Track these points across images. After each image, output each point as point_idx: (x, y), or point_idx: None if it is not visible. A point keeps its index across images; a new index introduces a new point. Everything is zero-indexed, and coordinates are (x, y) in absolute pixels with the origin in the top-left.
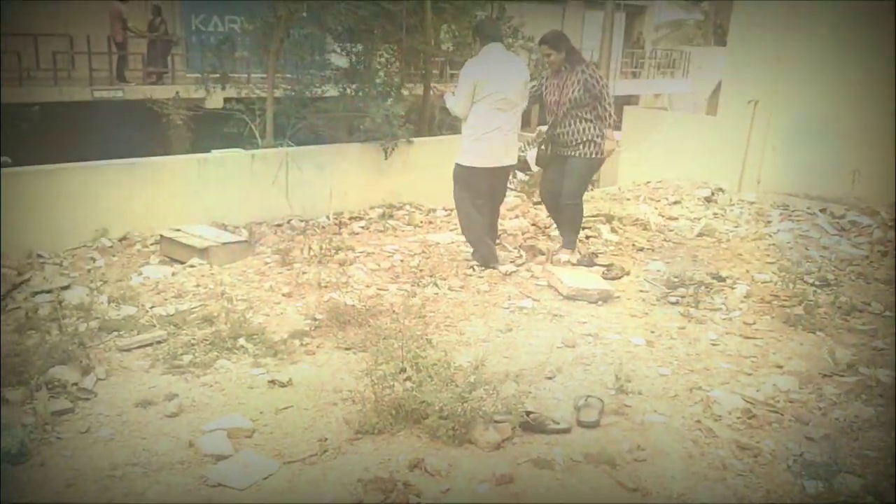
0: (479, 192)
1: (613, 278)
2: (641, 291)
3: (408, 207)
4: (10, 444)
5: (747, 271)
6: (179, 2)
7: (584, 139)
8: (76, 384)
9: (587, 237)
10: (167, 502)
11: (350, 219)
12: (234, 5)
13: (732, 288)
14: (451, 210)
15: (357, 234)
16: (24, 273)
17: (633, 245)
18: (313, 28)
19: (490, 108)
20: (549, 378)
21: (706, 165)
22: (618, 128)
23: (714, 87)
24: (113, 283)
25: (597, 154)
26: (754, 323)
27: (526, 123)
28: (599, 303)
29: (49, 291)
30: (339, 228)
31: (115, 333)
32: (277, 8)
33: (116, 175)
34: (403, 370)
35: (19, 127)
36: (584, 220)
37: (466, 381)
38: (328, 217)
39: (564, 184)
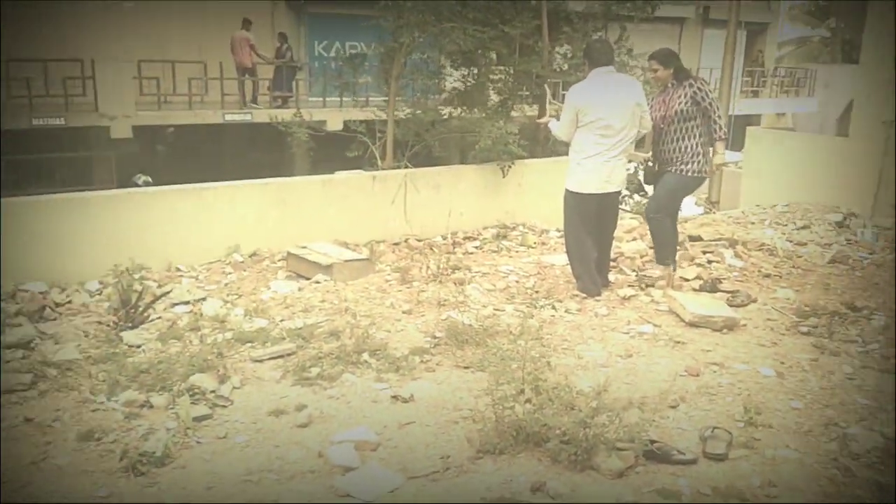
0: (587, 217)
1: (739, 305)
2: (769, 320)
3: (521, 228)
4: (154, 447)
5: (884, 302)
6: (304, 29)
7: (687, 156)
8: (214, 391)
9: (709, 262)
10: None
11: (464, 238)
12: (355, 32)
13: (869, 319)
14: None
15: (471, 253)
16: (165, 285)
17: (759, 271)
18: (432, 52)
19: (592, 134)
20: (673, 407)
21: (836, 188)
22: (725, 141)
23: (844, 106)
24: (245, 297)
25: (694, 173)
26: (893, 357)
27: (640, 144)
28: (724, 331)
29: (187, 303)
30: (454, 248)
31: (249, 344)
32: (400, 34)
33: (250, 194)
34: (522, 391)
35: (155, 148)
36: (706, 243)
37: (588, 407)
38: (443, 237)
39: (652, 196)
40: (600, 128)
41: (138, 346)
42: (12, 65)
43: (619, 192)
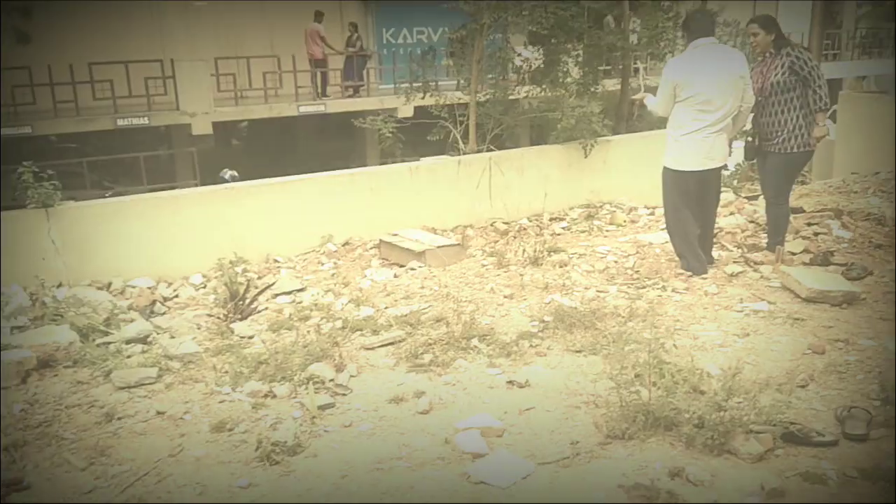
0: (686, 195)
1: (856, 278)
2: (889, 293)
3: (608, 207)
4: (285, 436)
5: None
6: (372, 17)
7: (788, 130)
8: (332, 380)
9: (816, 234)
10: (435, 498)
11: (551, 220)
12: (422, 18)
13: None
14: (653, 209)
15: (559, 234)
16: (264, 276)
17: (870, 242)
18: (513, 32)
19: (691, 109)
20: (802, 386)
21: None
22: (826, 112)
23: None
24: (345, 286)
25: (798, 148)
26: None
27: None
28: (844, 305)
29: (288, 293)
30: (541, 230)
31: (359, 333)
32: (481, 16)
33: (340, 184)
34: (639, 375)
35: (230, 142)
36: (810, 215)
37: (722, 389)
38: (529, 219)
39: (765, 182)
40: (700, 103)
41: (250, 337)
42: (95, 68)
43: (721, 168)
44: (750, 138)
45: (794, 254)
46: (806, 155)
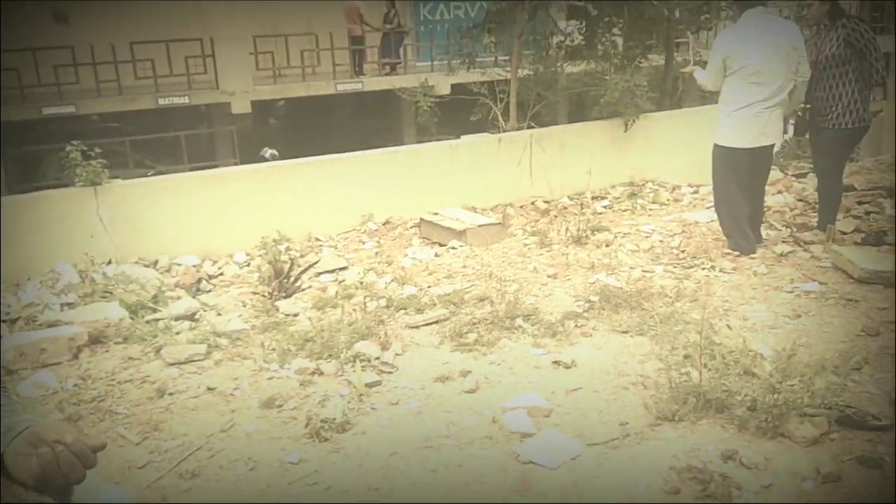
0: (737, 173)
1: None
2: None
3: (651, 185)
4: (334, 413)
5: None
6: None
7: (843, 104)
8: (378, 358)
9: (867, 213)
10: (485, 476)
11: (593, 198)
12: None
13: None
14: (697, 187)
15: (601, 213)
16: (306, 255)
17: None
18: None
19: (743, 83)
20: (856, 369)
21: None
22: (883, 86)
23: None
24: (388, 264)
25: (853, 123)
26: None
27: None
28: None
29: (331, 272)
30: (582, 208)
31: (403, 311)
32: None
33: (380, 163)
34: (688, 356)
35: (268, 121)
36: (860, 193)
37: (777, 371)
38: (570, 197)
39: (817, 158)
40: (751, 75)
41: (295, 315)
42: (137, 47)
43: (773, 146)
44: (800, 113)
45: (844, 233)
46: (861, 130)
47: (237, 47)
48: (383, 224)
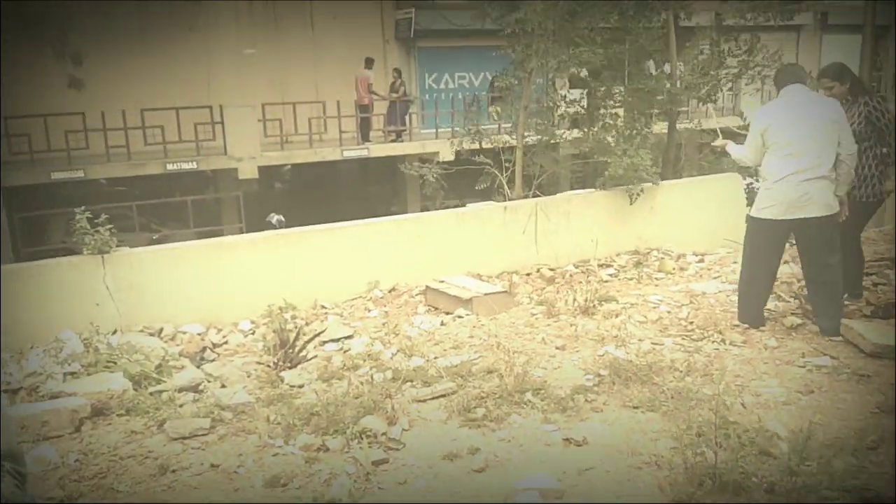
0: (767, 245)
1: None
2: None
3: (655, 253)
4: (340, 493)
5: None
6: (414, 63)
7: (860, 178)
8: (385, 434)
9: (875, 285)
10: None
11: (599, 266)
12: (463, 63)
13: None
14: (702, 255)
15: (607, 282)
16: (311, 323)
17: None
18: (559, 76)
19: (780, 156)
20: (872, 448)
21: None
22: None
23: None
24: (394, 334)
25: (870, 197)
26: None
27: None
28: None
29: (336, 341)
30: (587, 276)
31: (409, 384)
32: (529, 62)
33: (386, 230)
34: (702, 435)
35: (274, 185)
36: (867, 265)
37: (794, 452)
38: (575, 265)
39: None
40: (786, 147)
41: (300, 387)
42: (147, 114)
43: (828, 218)
44: None
45: (849, 305)
46: (875, 204)
47: (246, 114)
48: (389, 291)
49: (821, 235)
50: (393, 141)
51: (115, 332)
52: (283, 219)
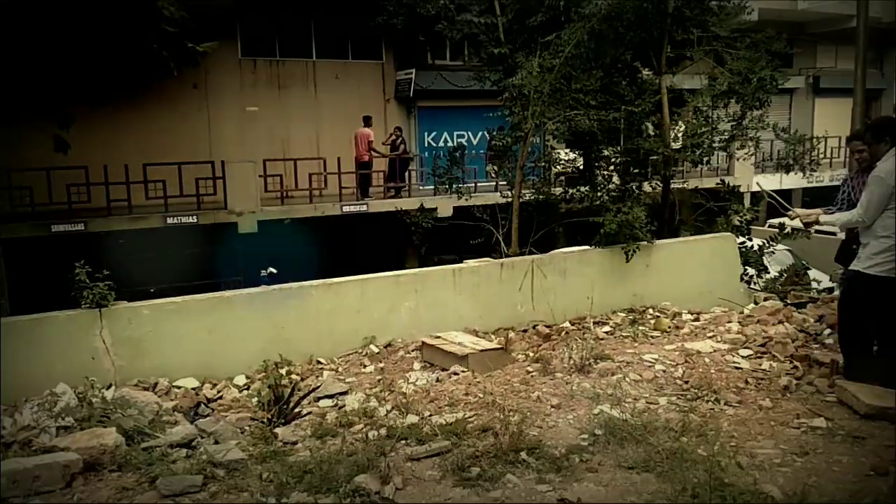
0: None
1: None
2: None
3: (651, 311)
4: None
5: None
6: (414, 121)
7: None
8: (378, 493)
9: None
10: None
11: (595, 323)
12: (461, 122)
13: None
14: (698, 314)
15: (603, 339)
16: (307, 378)
17: None
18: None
19: None
20: None
21: None
22: None
23: None
24: (391, 391)
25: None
26: None
27: None
28: None
29: (331, 397)
30: (583, 334)
31: (403, 442)
32: (525, 123)
33: (383, 286)
34: (697, 496)
35: (273, 240)
36: None
37: None
38: (572, 322)
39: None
40: None
41: (294, 444)
42: (149, 168)
43: None
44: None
45: (840, 364)
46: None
47: (247, 169)
48: (385, 347)
49: None
50: (392, 197)
51: (110, 387)
52: (274, 271)
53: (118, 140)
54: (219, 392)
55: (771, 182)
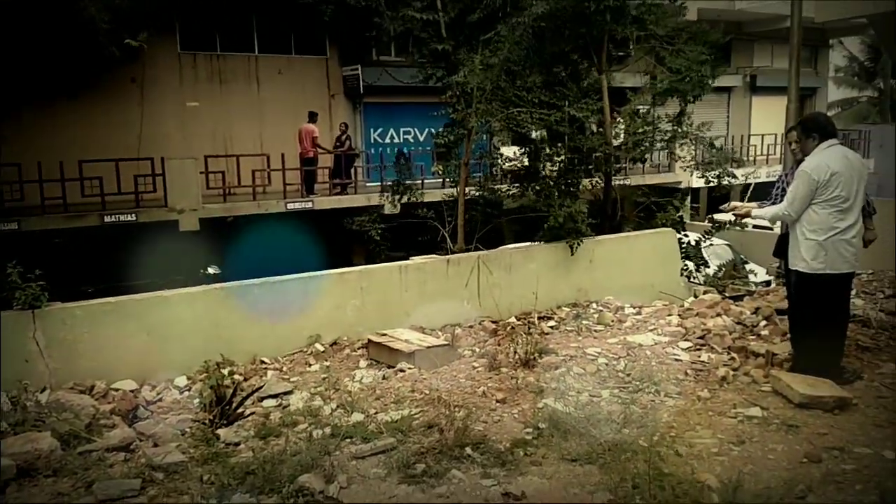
0: (829, 300)
1: (846, 383)
2: (881, 398)
3: (594, 306)
4: None
5: None
6: (360, 117)
7: None
8: (322, 492)
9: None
10: None
11: (539, 319)
12: (408, 118)
13: None
14: (640, 307)
15: (547, 334)
16: (250, 378)
17: (857, 344)
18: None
19: (833, 210)
20: (801, 498)
21: None
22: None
23: None
24: (336, 390)
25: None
26: None
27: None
28: (836, 411)
29: (275, 396)
30: (529, 328)
31: (348, 440)
32: (469, 121)
33: (329, 284)
34: (637, 486)
35: (215, 239)
36: None
37: (724, 502)
38: (517, 317)
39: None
40: (840, 203)
41: (237, 444)
42: (86, 165)
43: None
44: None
45: (777, 355)
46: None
47: (187, 166)
48: (331, 345)
49: (849, 289)
50: (338, 194)
51: (44, 390)
52: (218, 270)
53: (53, 136)
54: (158, 394)
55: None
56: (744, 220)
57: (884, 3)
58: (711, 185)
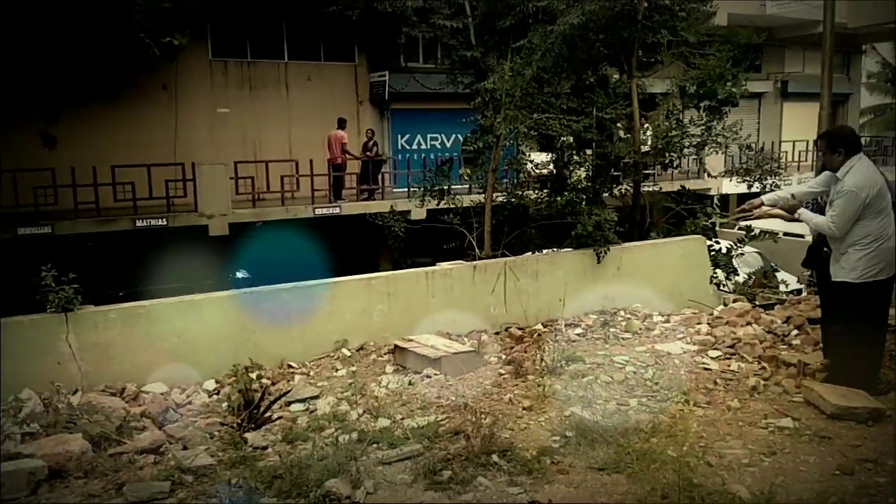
0: (883, 307)
1: (880, 394)
2: None
3: (622, 313)
4: None
5: None
6: (387, 124)
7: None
8: (349, 497)
9: None
10: None
11: (566, 325)
12: (434, 125)
13: None
14: (668, 316)
15: (574, 341)
16: (278, 382)
17: (890, 355)
18: (527, 142)
19: (880, 219)
20: None
21: None
22: None
23: None
24: (363, 395)
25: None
26: None
27: None
28: (869, 422)
29: (302, 401)
30: (555, 336)
31: (375, 445)
32: (497, 128)
33: (355, 289)
34: (666, 496)
35: (244, 243)
36: None
37: None
38: (544, 324)
39: (827, 294)
40: (887, 210)
41: (264, 448)
42: (118, 170)
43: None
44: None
45: (807, 365)
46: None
47: (218, 172)
48: (357, 350)
49: (890, 296)
50: (365, 199)
51: (76, 392)
52: (245, 274)
53: (86, 142)
54: (188, 397)
55: (739, 187)
56: (776, 215)
57: None
58: (754, 189)
